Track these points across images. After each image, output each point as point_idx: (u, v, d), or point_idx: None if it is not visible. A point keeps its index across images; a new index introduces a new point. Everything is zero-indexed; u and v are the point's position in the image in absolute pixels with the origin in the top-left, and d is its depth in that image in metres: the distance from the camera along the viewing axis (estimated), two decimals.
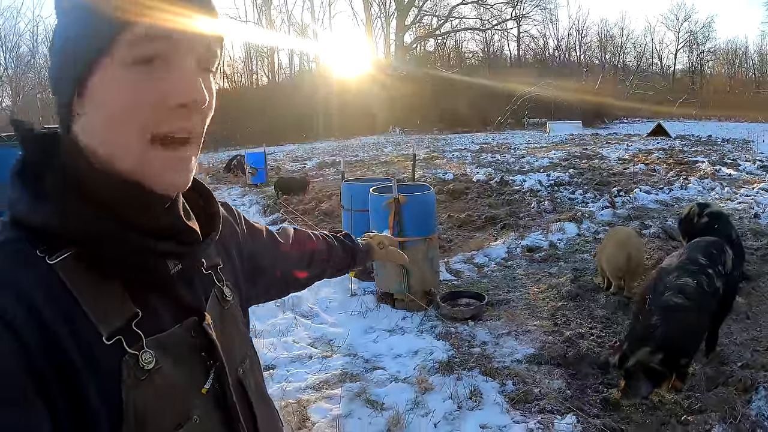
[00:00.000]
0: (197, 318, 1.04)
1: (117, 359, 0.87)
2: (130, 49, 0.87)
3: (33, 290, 0.83)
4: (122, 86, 0.88)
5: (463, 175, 18.08)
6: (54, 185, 0.92)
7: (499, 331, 6.41)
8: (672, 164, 19.00)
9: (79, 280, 0.88)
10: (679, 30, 75.70)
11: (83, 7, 0.88)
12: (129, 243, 0.91)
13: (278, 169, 24.46)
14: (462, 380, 5.24)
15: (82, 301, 0.87)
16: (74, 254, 0.89)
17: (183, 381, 0.97)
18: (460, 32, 72.72)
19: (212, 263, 1.19)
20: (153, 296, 0.98)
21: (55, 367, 0.81)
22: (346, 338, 6.44)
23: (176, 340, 0.98)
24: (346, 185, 8.99)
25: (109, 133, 0.90)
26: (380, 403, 5.04)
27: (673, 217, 11.45)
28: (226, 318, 1.15)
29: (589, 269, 8.40)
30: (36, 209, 0.89)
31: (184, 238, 1.02)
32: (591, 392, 5.06)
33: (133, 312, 0.92)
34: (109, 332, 0.87)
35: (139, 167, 0.91)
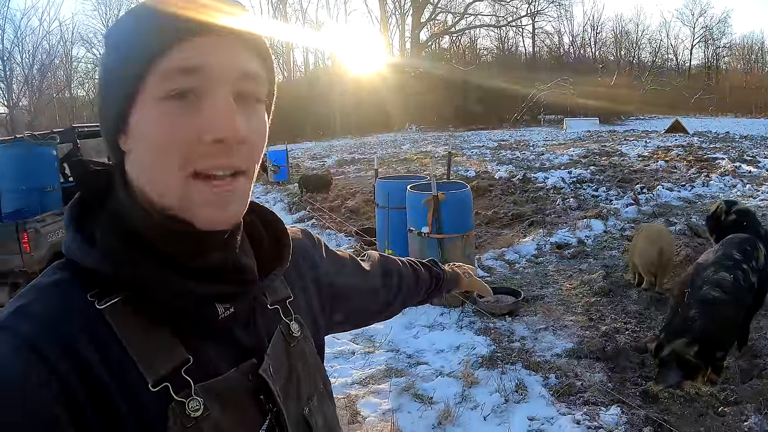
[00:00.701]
0: (255, 361, 0.99)
1: (163, 407, 0.85)
2: (162, 82, 0.84)
3: (79, 336, 0.82)
4: (157, 121, 0.85)
5: (485, 172, 18.15)
6: (104, 227, 0.91)
7: (537, 326, 6.55)
8: (692, 161, 18.97)
9: (127, 325, 0.86)
10: (694, 25, 75.35)
11: (119, 40, 0.89)
12: (171, 287, 0.89)
13: (298, 167, 24.48)
14: (506, 374, 5.39)
15: (129, 348, 0.85)
16: (123, 299, 0.87)
17: (234, 428, 0.92)
18: (475, 29, 72.68)
19: (279, 297, 1.13)
20: (206, 340, 0.94)
21: (99, 415, 0.80)
22: (387, 334, 6.57)
23: (229, 386, 0.93)
24: (381, 183, 9.04)
25: (152, 169, 0.88)
26: (429, 397, 5.17)
27: (697, 214, 11.54)
28: (293, 355, 1.09)
29: (619, 266, 8.52)
30: (87, 252, 0.89)
31: (238, 277, 0.97)
32: (630, 385, 5.18)
33: (184, 358, 0.89)
34: (155, 379, 0.85)
35: (181, 203, 0.88)
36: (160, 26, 0.84)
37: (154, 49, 0.84)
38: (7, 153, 8.12)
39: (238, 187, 0.91)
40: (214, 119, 0.85)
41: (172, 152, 0.85)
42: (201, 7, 0.86)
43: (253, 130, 0.91)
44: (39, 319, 0.82)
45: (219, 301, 0.93)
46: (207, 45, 0.86)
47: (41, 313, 0.83)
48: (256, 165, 0.95)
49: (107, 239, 0.89)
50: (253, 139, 0.91)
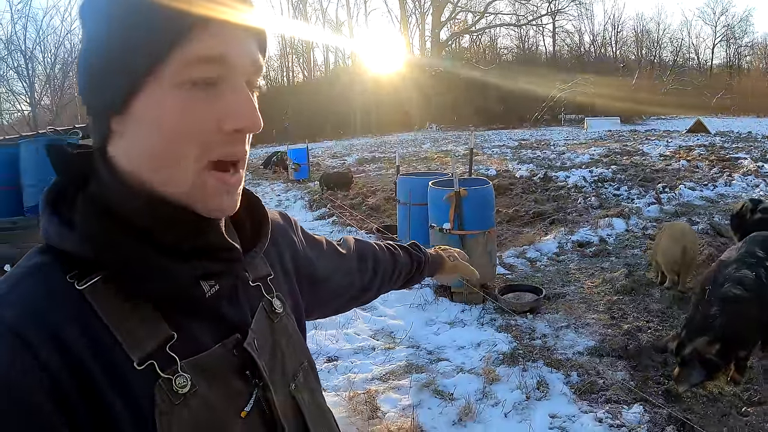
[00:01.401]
0: (239, 336, 0.99)
1: (150, 384, 0.84)
2: (183, 69, 0.84)
3: (61, 319, 0.81)
4: (176, 108, 0.84)
5: (506, 171, 18.10)
6: (83, 210, 0.89)
7: (558, 324, 6.52)
8: (714, 161, 18.82)
9: (108, 304, 0.85)
10: (716, 24, 74.85)
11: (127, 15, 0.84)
12: (158, 267, 0.88)
13: (318, 165, 24.59)
14: (528, 371, 5.36)
15: (111, 327, 0.84)
16: (103, 278, 0.86)
17: (223, 403, 0.92)
18: (496, 28, 72.55)
19: (260, 274, 1.14)
20: (189, 317, 0.94)
21: (84, 396, 0.79)
22: (407, 330, 6.57)
23: (215, 361, 0.94)
24: (402, 179, 9.05)
25: (162, 157, 0.87)
26: (449, 393, 5.15)
27: (719, 214, 11.47)
28: (276, 331, 1.10)
29: (641, 264, 8.47)
30: (65, 235, 0.87)
31: (225, 256, 0.97)
32: (653, 384, 5.13)
33: (168, 334, 0.88)
34: (140, 357, 0.85)
35: (193, 191, 0.89)
36: (178, 11, 0.82)
37: (173, 34, 0.83)
38: (30, 148, 8.24)
39: (240, 179, 0.94)
40: (237, 109, 0.87)
41: (190, 141, 0.86)
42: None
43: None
44: (20, 304, 0.81)
45: (205, 279, 0.94)
46: (226, 34, 0.86)
47: (22, 298, 0.82)
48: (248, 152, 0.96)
49: (87, 222, 0.88)
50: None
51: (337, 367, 5.78)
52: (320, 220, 13.89)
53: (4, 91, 50.90)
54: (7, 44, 48.72)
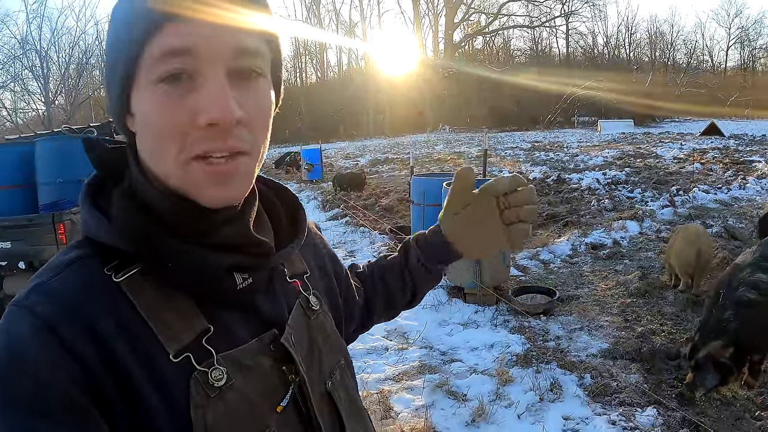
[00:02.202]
0: (276, 331, 0.99)
1: (185, 377, 0.85)
2: (153, 66, 0.83)
3: (97, 312, 0.82)
4: (151, 105, 0.84)
5: (519, 172, 17.96)
6: (119, 203, 0.91)
7: (572, 326, 6.52)
8: (728, 164, 18.76)
9: (145, 297, 0.86)
10: (730, 26, 74.52)
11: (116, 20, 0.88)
12: (187, 258, 0.89)
13: (331, 166, 24.65)
14: (541, 373, 5.36)
15: (148, 319, 0.85)
16: (140, 271, 0.88)
17: (258, 398, 0.92)
18: (509, 30, 72.43)
19: (297, 271, 1.14)
20: (227, 310, 0.94)
21: (119, 389, 0.80)
22: (420, 331, 6.59)
23: (252, 355, 0.94)
24: (416, 180, 9.06)
25: (154, 153, 0.88)
26: (462, 394, 5.17)
27: (733, 217, 11.43)
28: (313, 328, 1.09)
29: (655, 267, 8.45)
30: (103, 227, 0.88)
31: (254, 251, 0.96)
32: (666, 387, 5.13)
33: (204, 327, 0.89)
34: (176, 350, 0.85)
35: (184, 184, 0.88)
36: (149, 6, 0.81)
37: (144, 30, 0.82)
38: (45, 146, 8.24)
39: (238, 168, 0.88)
40: (206, 102, 0.83)
41: (169, 137, 0.84)
42: None
43: (252, 108, 0.88)
44: (57, 296, 0.82)
45: (236, 271, 0.93)
46: (194, 26, 0.83)
47: (59, 290, 0.83)
48: (262, 143, 0.93)
49: (123, 214, 0.89)
50: (253, 117, 0.88)
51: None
52: (333, 220, 13.99)
53: (19, 90, 51.19)
54: (22, 43, 48.98)
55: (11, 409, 0.75)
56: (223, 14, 0.83)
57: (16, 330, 0.79)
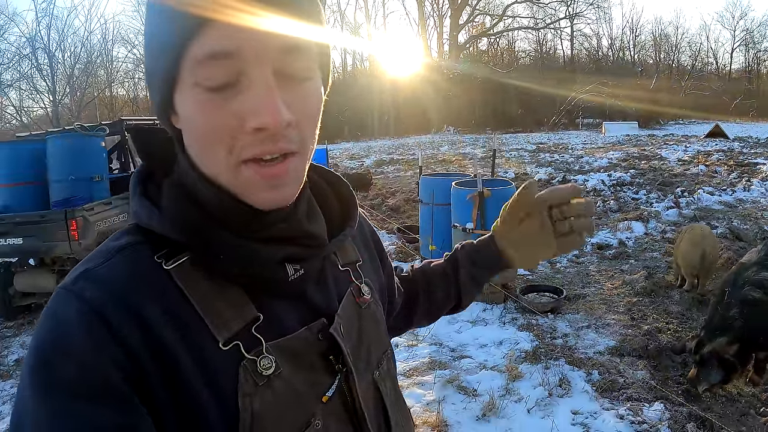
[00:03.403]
0: (326, 320, 0.99)
1: (234, 365, 0.85)
2: (195, 68, 0.81)
3: (144, 299, 0.83)
4: (196, 109, 0.83)
5: (524, 174, 18.19)
6: (170, 194, 0.92)
7: (579, 324, 6.61)
8: (733, 166, 18.71)
9: (195, 285, 0.87)
10: (734, 28, 74.09)
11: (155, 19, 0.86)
12: (239, 248, 0.89)
13: (336, 167, 24.61)
14: (550, 369, 5.47)
15: (198, 307, 0.85)
16: (191, 259, 0.88)
17: (305, 387, 0.92)
18: (514, 31, 72.34)
19: (350, 260, 1.14)
20: (277, 299, 0.94)
21: (164, 376, 0.81)
22: (430, 328, 6.65)
23: (300, 344, 0.94)
24: (425, 179, 9.12)
25: (201, 152, 0.88)
26: (473, 390, 5.27)
27: (738, 218, 11.46)
28: (364, 317, 1.09)
29: (660, 267, 8.54)
30: (154, 216, 0.89)
31: (306, 242, 0.96)
32: (673, 383, 5.22)
33: (254, 316, 0.89)
34: (226, 338, 0.85)
35: (235, 186, 0.88)
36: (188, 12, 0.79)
37: (185, 33, 0.80)
38: (57, 143, 8.27)
39: (289, 169, 0.87)
40: (255, 107, 0.81)
41: (216, 141, 0.83)
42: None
43: (301, 107, 0.86)
44: (105, 282, 0.83)
45: (289, 262, 0.94)
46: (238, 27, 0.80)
47: (108, 276, 0.83)
48: (311, 142, 0.91)
49: (173, 205, 0.90)
50: (301, 117, 0.86)
51: None
52: None
53: (27, 88, 51.19)
54: (30, 42, 49.00)
55: (54, 392, 0.76)
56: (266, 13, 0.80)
57: (63, 314, 0.80)
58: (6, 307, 8.60)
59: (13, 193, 8.24)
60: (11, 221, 7.80)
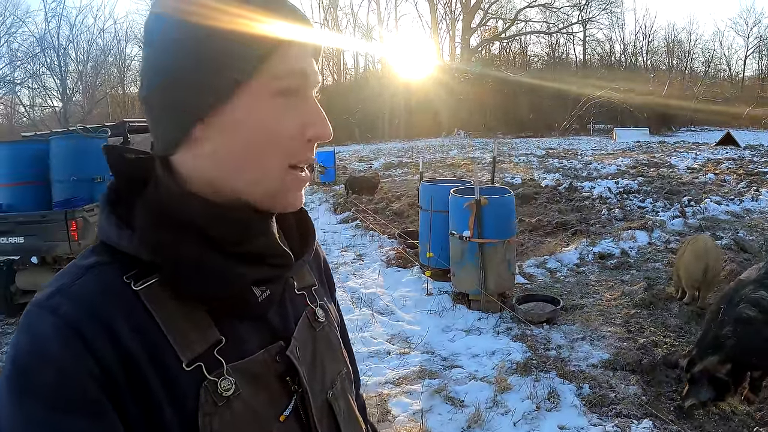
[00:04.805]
0: (283, 343, 1.03)
1: (196, 385, 0.88)
2: (272, 80, 0.91)
3: (115, 316, 0.85)
4: (265, 115, 0.91)
5: (531, 179, 18.14)
6: (144, 215, 0.93)
7: (574, 335, 6.53)
8: (742, 175, 18.64)
9: (162, 306, 0.89)
10: (748, 35, 73.77)
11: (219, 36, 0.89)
12: (218, 271, 0.92)
13: (344, 169, 24.61)
14: (540, 381, 5.38)
15: (164, 327, 0.88)
16: (159, 281, 0.90)
17: (263, 407, 0.96)
18: (526, 35, 72.25)
19: (306, 283, 1.18)
20: (239, 321, 0.97)
21: (133, 391, 0.83)
22: (423, 336, 6.62)
23: (259, 366, 0.97)
24: (425, 186, 9.06)
25: (252, 160, 0.93)
26: (460, 400, 5.20)
27: (744, 229, 11.34)
28: (318, 340, 1.13)
29: (661, 278, 8.44)
30: (124, 236, 0.91)
31: (277, 261, 1.02)
32: (665, 399, 5.14)
33: (217, 338, 0.92)
34: (189, 358, 0.88)
35: (277, 191, 0.96)
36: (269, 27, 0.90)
37: (263, 51, 0.90)
38: (60, 144, 8.34)
39: (309, 175, 0.99)
40: (317, 119, 0.96)
41: (277, 145, 0.93)
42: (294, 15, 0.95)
43: None
44: (78, 299, 0.84)
45: (258, 285, 0.98)
46: (304, 51, 0.95)
47: (81, 293, 0.85)
48: None
49: (149, 226, 0.91)
50: None
51: None
52: (344, 223, 13.99)
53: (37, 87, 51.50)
54: (40, 41, 49.30)
55: (30, 401, 0.78)
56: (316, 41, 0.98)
57: (38, 328, 0.81)
58: (7, 305, 8.69)
59: (15, 193, 8.31)
60: (14, 220, 7.86)
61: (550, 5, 68.07)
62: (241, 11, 0.89)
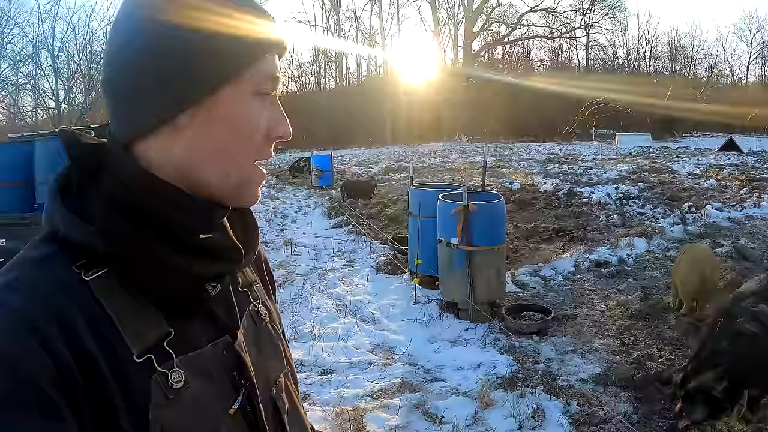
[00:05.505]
0: (230, 337, 1.03)
1: (147, 377, 0.87)
2: (253, 81, 0.95)
3: (67, 307, 0.84)
4: (245, 111, 0.95)
5: (530, 185, 17.95)
6: (97, 202, 0.92)
7: (565, 347, 6.27)
8: (744, 181, 18.41)
9: (113, 297, 0.88)
10: (751, 41, 73.93)
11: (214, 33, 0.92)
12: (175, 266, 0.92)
13: (344, 173, 24.73)
14: (525, 398, 5.12)
15: (115, 319, 0.87)
16: (109, 271, 0.89)
17: (212, 401, 0.96)
18: (529, 40, 72.33)
19: (248, 281, 1.18)
20: (187, 315, 0.97)
21: (86, 383, 0.82)
22: (407, 347, 6.38)
23: (208, 360, 0.97)
24: (413, 191, 8.91)
25: (226, 151, 0.96)
26: (439, 417, 4.95)
27: (746, 236, 11.12)
28: (262, 336, 1.14)
29: (659, 287, 8.19)
30: (75, 226, 0.89)
31: (229, 256, 1.03)
32: (658, 418, 4.89)
33: (166, 331, 0.92)
34: (140, 350, 0.87)
35: (244, 184, 1.00)
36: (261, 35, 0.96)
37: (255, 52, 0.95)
38: (44, 146, 8.47)
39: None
40: (281, 120, 1.01)
41: (250, 140, 0.97)
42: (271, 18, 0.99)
43: None
44: (27, 290, 0.83)
45: (211, 280, 0.99)
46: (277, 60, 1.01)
47: (29, 285, 0.84)
48: None
49: (104, 214, 0.90)
50: None
51: (330, 380, 5.63)
52: (337, 228, 13.88)
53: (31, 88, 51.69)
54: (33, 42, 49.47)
55: None
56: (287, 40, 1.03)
57: None
58: None
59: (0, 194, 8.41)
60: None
61: (552, 10, 68.25)
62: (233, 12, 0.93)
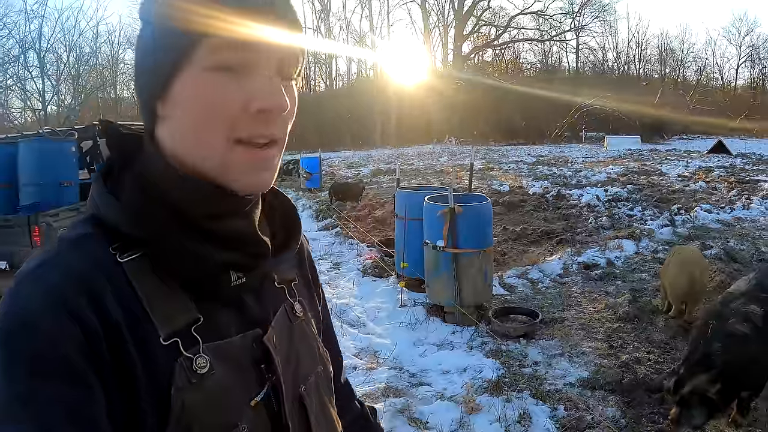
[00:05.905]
0: (260, 330, 1.03)
1: (172, 360, 0.89)
2: (210, 54, 0.89)
3: (99, 285, 0.86)
4: (204, 90, 0.90)
5: (519, 187, 17.96)
6: (129, 187, 0.95)
7: (552, 351, 6.20)
8: (733, 183, 18.47)
9: (145, 280, 0.90)
10: (740, 44, 74.25)
11: (164, 15, 0.91)
12: (189, 249, 0.93)
13: (333, 175, 24.70)
14: (511, 402, 5.04)
15: (145, 301, 0.89)
16: (143, 255, 0.91)
17: (235, 390, 0.96)
18: (519, 43, 72.43)
19: (286, 278, 1.17)
20: (217, 304, 0.98)
21: (114, 358, 0.84)
22: (392, 350, 6.32)
23: (235, 349, 0.98)
24: (400, 193, 8.84)
25: (195, 134, 0.92)
26: (424, 422, 4.87)
27: (735, 238, 11.10)
28: (294, 333, 1.13)
29: (647, 290, 8.14)
30: (111, 209, 0.93)
31: (252, 249, 1.02)
32: (646, 422, 4.81)
33: (195, 317, 0.93)
34: (167, 333, 0.89)
35: (223, 167, 0.93)
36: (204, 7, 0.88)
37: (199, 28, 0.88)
38: (27, 148, 8.39)
39: (273, 155, 0.96)
40: (261, 91, 0.91)
41: (217, 119, 0.90)
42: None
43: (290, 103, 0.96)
44: (65, 268, 0.85)
45: (233, 269, 0.98)
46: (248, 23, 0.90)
47: (68, 263, 0.86)
48: (286, 135, 1.00)
49: (132, 199, 0.93)
50: (289, 112, 0.96)
51: None
52: (324, 230, 13.83)
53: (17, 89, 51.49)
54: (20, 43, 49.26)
55: (14, 366, 0.78)
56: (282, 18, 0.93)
57: (25, 296, 0.83)
58: None
59: None
60: None
61: (542, 13, 68.37)
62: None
